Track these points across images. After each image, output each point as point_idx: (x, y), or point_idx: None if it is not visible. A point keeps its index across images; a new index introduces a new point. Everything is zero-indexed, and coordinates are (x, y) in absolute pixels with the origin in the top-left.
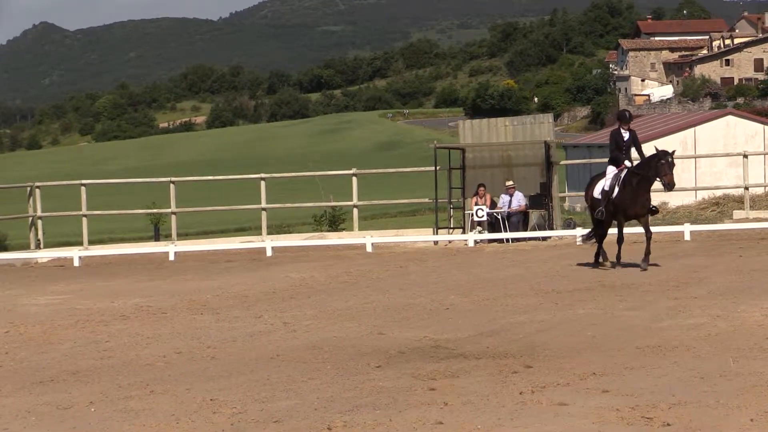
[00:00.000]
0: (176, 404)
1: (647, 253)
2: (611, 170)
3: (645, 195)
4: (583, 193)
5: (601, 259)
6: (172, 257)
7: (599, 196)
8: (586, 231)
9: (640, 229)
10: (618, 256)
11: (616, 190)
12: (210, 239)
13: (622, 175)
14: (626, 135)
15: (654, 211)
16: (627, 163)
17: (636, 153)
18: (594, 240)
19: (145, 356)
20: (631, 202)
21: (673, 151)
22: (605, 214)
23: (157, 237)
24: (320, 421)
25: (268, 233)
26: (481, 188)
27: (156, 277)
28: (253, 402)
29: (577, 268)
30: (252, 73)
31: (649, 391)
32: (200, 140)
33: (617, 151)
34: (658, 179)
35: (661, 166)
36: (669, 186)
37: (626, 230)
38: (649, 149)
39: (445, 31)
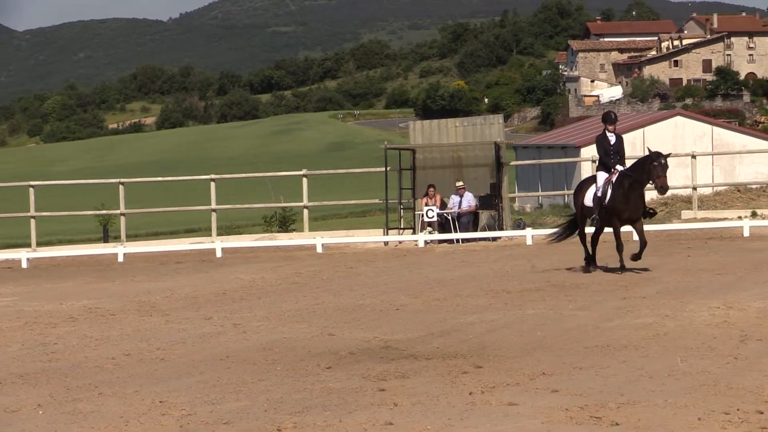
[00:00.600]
0: (125, 406)
1: (638, 255)
2: (602, 176)
3: (638, 197)
4: (533, 194)
5: (588, 263)
6: (121, 259)
7: (591, 204)
8: (554, 230)
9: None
10: (621, 264)
11: (609, 194)
12: (160, 240)
13: (614, 178)
14: (612, 138)
15: (651, 213)
16: (619, 167)
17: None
18: (562, 238)
19: (93, 358)
20: (624, 206)
21: (668, 154)
22: (599, 222)
23: (106, 238)
24: (270, 422)
25: (218, 234)
26: (431, 189)
27: (105, 279)
28: (202, 404)
29: (526, 269)
30: (202, 73)
31: (598, 390)
32: (150, 141)
33: (606, 157)
34: (650, 182)
35: (653, 168)
36: (662, 189)
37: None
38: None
39: (395, 32)
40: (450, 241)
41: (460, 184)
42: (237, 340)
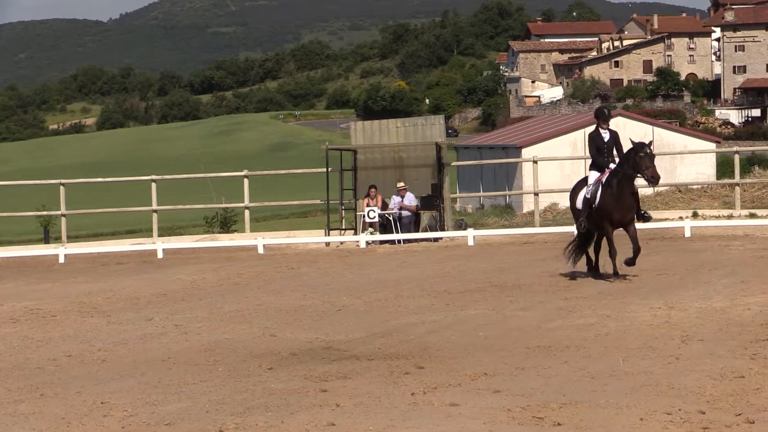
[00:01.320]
0: (66, 408)
1: (632, 261)
2: (594, 176)
3: (629, 197)
4: (474, 194)
5: (590, 270)
6: (62, 260)
7: (581, 206)
8: (570, 249)
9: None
10: (615, 271)
11: (598, 196)
12: (101, 241)
13: (604, 178)
14: (606, 135)
15: (646, 217)
16: (612, 166)
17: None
18: (578, 257)
19: (35, 359)
20: (614, 206)
21: (650, 142)
22: (587, 224)
23: (47, 239)
24: (212, 423)
25: (160, 235)
26: (372, 190)
27: (46, 280)
28: (144, 405)
29: (467, 269)
30: (142, 74)
31: (540, 391)
32: (91, 142)
33: (598, 156)
34: (639, 175)
35: (641, 159)
36: (653, 180)
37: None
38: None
39: (336, 32)
40: (391, 242)
41: (401, 185)
42: (178, 341)
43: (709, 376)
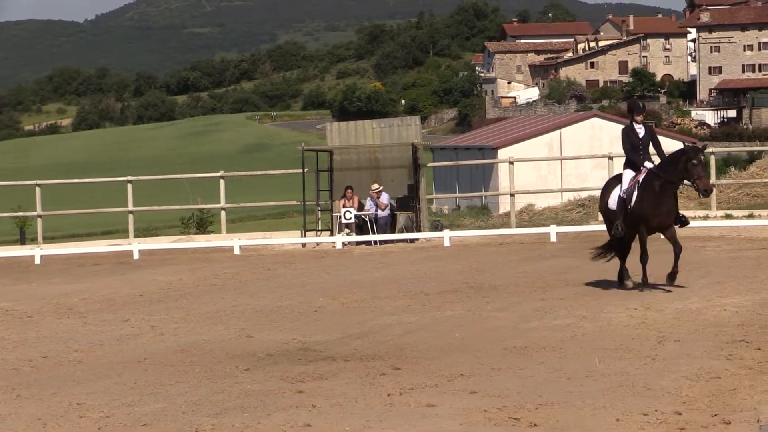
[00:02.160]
0: (43, 409)
1: (673, 272)
2: (628, 174)
3: (669, 201)
4: (450, 195)
5: (624, 279)
6: (38, 261)
7: (615, 207)
8: (599, 247)
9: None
10: (644, 279)
11: (635, 197)
12: (77, 242)
13: (641, 178)
14: (641, 131)
15: (684, 221)
16: (648, 164)
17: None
18: (606, 257)
19: (11, 360)
20: (652, 211)
21: (704, 147)
22: (624, 229)
23: (23, 240)
24: (188, 424)
25: (136, 236)
26: (349, 191)
27: (22, 281)
28: (120, 406)
29: (444, 270)
30: (118, 75)
31: (516, 391)
32: (67, 143)
33: (633, 152)
34: (687, 183)
35: (693, 167)
36: (705, 192)
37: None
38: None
39: (312, 33)
40: (368, 243)
41: (376, 186)
42: (155, 342)
43: (686, 377)
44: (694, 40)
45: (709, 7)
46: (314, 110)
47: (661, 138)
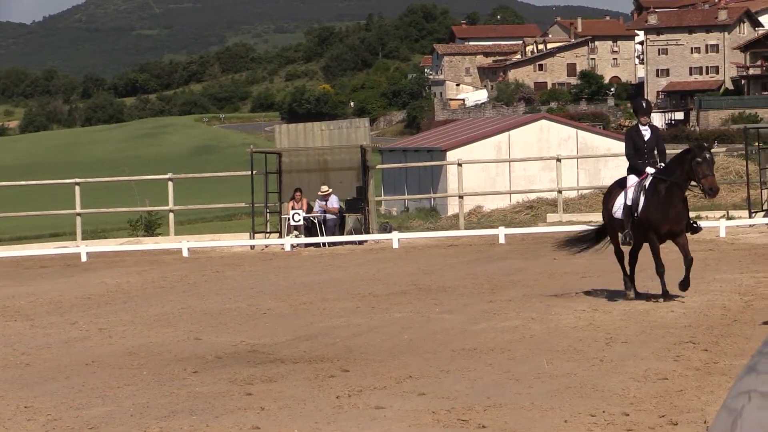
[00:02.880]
0: None
1: (686, 281)
2: (632, 180)
3: (678, 205)
4: (399, 197)
5: (627, 288)
6: None
7: (621, 215)
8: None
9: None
10: (664, 291)
11: (641, 203)
12: (24, 245)
13: (647, 183)
14: (647, 133)
15: (696, 228)
16: (650, 169)
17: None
18: (588, 248)
19: None
20: (661, 216)
21: (710, 145)
22: (632, 238)
23: None
24: (136, 427)
25: (84, 238)
26: (298, 193)
27: None
28: (68, 409)
29: (393, 272)
30: (66, 77)
31: (465, 393)
32: (14, 145)
33: (635, 157)
34: (694, 183)
35: (697, 165)
36: (711, 191)
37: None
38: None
39: (261, 35)
40: (316, 245)
41: (325, 188)
42: (103, 344)
43: (633, 378)
44: (641, 43)
45: (656, 10)
46: (263, 112)
47: (608, 140)
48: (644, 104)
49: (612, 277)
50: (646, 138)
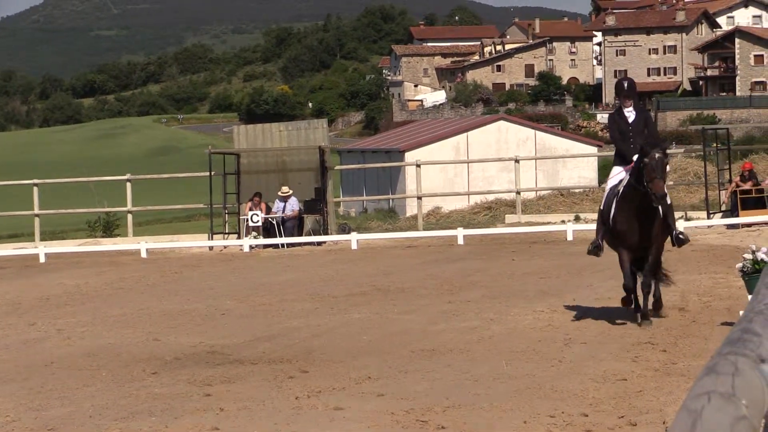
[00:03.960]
0: None
1: (654, 304)
2: (616, 173)
3: (649, 212)
4: (357, 198)
5: (626, 299)
6: None
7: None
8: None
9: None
10: (644, 309)
11: (613, 209)
12: None
13: (622, 186)
14: (631, 115)
15: (681, 239)
16: (636, 158)
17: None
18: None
19: None
20: (628, 226)
21: (665, 146)
22: (601, 249)
23: None
24: (96, 428)
25: (42, 239)
26: (257, 198)
27: None
28: (26, 410)
29: (351, 273)
30: (24, 77)
31: (424, 394)
32: None
33: (622, 142)
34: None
35: (644, 167)
36: (656, 198)
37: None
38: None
39: (219, 36)
40: (275, 246)
41: (285, 189)
42: (61, 345)
43: (592, 379)
44: (599, 44)
45: (614, 11)
46: (221, 113)
47: (566, 141)
48: (625, 85)
49: (570, 278)
50: (630, 120)
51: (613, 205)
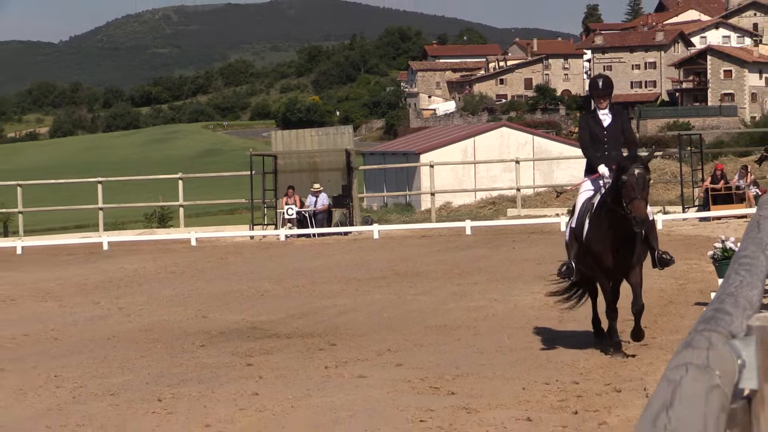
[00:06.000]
0: (24, 380)
1: (637, 330)
2: (586, 189)
3: (627, 231)
4: (379, 194)
5: (595, 333)
6: (19, 251)
7: (568, 238)
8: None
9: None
10: (612, 335)
11: (586, 227)
12: (53, 235)
13: (595, 201)
14: (607, 119)
15: (665, 260)
16: (604, 169)
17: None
18: (572, 301)
19: None
20: (604, 246)
21: (651, 153)
22: (575, 272)
23: (5, 234)
24: (151, 393)
25: (105, 230)
26: (290, 190)
27: (4, 269)
28: (92, 378)
29: (373, 259)
30: (90, 89)
31: (436, 364)
32: (44, 148)
33: (591, 149)
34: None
35: (623, 186)
36: (636, 221)
37: None
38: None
39: (258, 53)
40: (307, 236)
41: (317, 186)
42: (122, 322)
43: (582, 351)
44: (589, 60)
45: (602, 32)
46: (261, 120)
47: (560, 145)
48: (600, 83)
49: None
50: (605, 124)
51: (586, 224)
